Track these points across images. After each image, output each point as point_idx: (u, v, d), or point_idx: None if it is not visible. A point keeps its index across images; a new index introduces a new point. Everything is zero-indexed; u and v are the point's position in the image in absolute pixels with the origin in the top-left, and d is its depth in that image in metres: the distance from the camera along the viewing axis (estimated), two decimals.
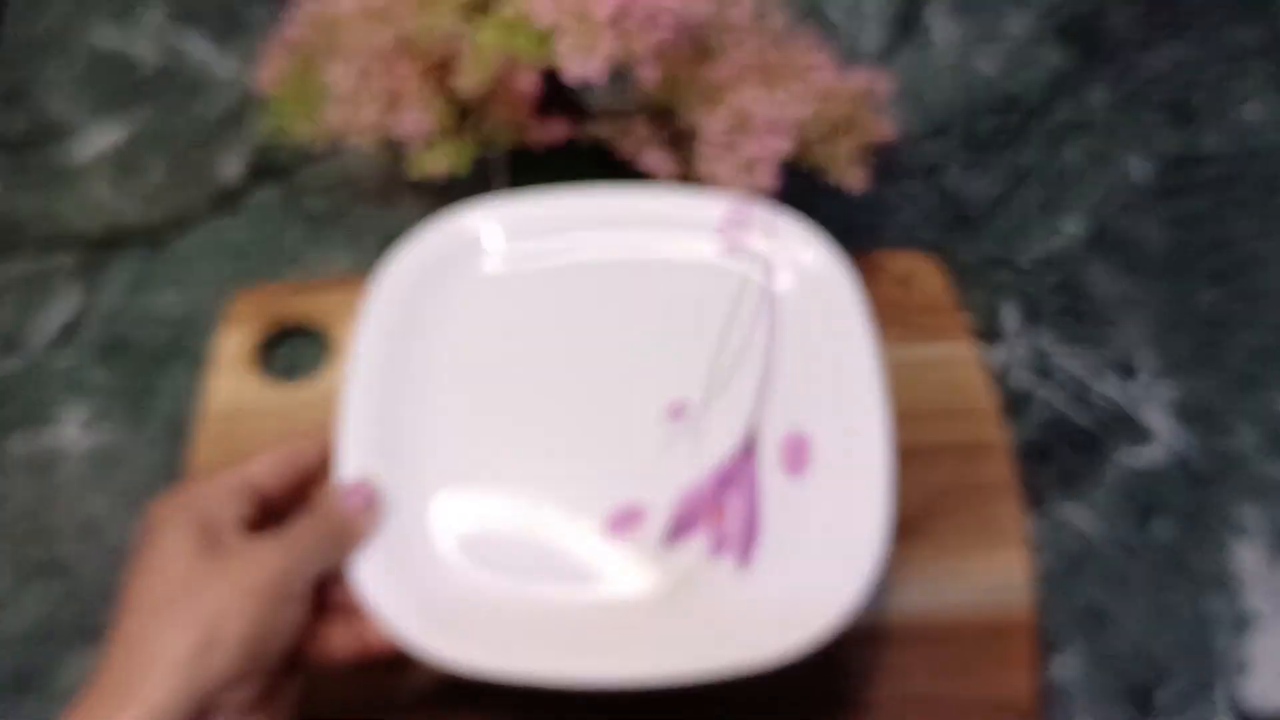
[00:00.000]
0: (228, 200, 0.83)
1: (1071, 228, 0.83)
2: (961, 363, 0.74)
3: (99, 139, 0.86)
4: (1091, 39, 0.92)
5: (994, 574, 0.68)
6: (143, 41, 0.91)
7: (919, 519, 0.69)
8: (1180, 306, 0.80)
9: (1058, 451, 0.74)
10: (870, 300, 0.75)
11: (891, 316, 0.76)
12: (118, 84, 0.89)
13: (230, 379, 0.73)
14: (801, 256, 0.66)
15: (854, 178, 0.73)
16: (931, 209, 0.83)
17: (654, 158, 0.73)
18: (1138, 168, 0.86)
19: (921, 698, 0.65)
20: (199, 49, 0.91)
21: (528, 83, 0.69)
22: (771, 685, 0.64)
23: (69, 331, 0.78)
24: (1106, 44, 0.92)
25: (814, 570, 0.59)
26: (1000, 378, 0.76)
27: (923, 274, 0.77)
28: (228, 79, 0.89)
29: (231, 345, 0.74)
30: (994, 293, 0.80)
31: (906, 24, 0.93)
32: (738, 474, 0.62)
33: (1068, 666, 0.68)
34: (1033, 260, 0.81)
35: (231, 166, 0.85)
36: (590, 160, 0.78)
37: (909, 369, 0.74)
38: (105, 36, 0.91)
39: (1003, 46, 0.92)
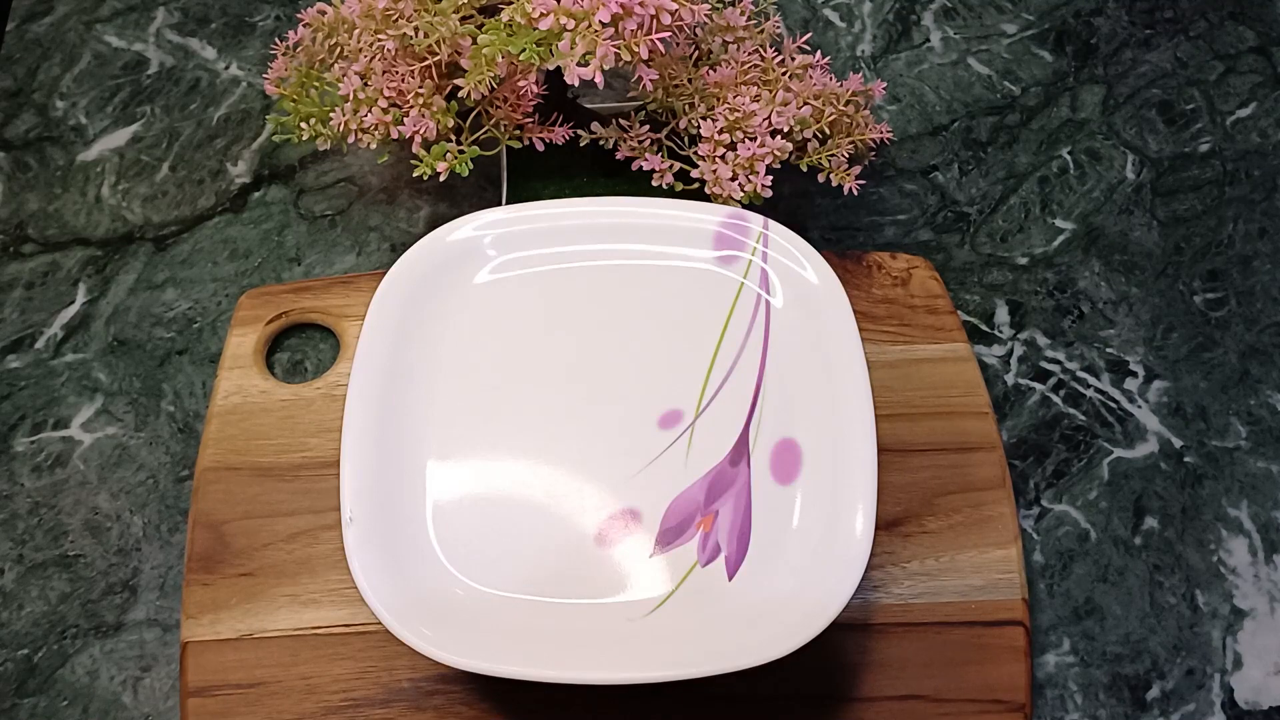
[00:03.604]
0: (232, 200, 0.84)
1: (1066, 228, 0.84)
2: (957, 362, 0.75)
3: (105, 140, 0.87)
4: (1086, 40, 0.93)
5: (988, 570, 0.69)
6: (150, 43, 0.92)
7: (914, 516, 0.70)
8: (1174, 306, 0.80)
9: (1052, 449, 0.75)
10: (866, 301, 0.76)
11: (888, 316, 0.77)
12: (124, 85, 0.89)
13: (238, 377, 0.74)
14: (793, 267, 0.67)
15: (850, 178, 0.74)
16: (929, 209, 0.84)
17: (653, 159, 0.74)
18: (1132, 168, 0.86)
19: (917, 691, 0.66)
20: (205, 50, 0.91)
21: (529, 85, 0.70)
22: (769, 683, 0.65)
23: (75, 331, 0.78)
24: (1101, 45, 0.93)
25: (802, 573, 0.60)
26: (996, 376, 0.77)
27: (919, 274, 0.78)
28: (233, 81, 0.89)
29: (239, 344, 0.75)
30: (990, 292, 0.81)
31: (904, 27, 0.94)
32: (730, 481, 0.63)
33: (1062, 662, 0.68)
34: (1028, 260, 0.82)
35: (236, 167, 0.86)
36: (590, 161, 0.79)
37: (905, 368, 0.75)
38: (112, 37, 0.92)
39: (999, 48, 0.93)
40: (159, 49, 0.91)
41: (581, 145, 0.76)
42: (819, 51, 0.77)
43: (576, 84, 0.65)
